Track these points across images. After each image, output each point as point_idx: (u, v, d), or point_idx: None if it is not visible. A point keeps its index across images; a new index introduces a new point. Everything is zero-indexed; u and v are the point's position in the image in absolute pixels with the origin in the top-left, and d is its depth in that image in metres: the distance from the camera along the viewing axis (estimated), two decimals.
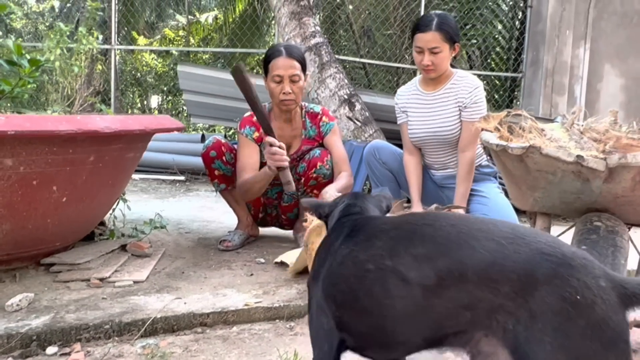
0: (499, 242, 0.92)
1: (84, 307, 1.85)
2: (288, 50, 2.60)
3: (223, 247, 2.73)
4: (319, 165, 2.65)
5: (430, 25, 2.49)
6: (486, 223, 0.99)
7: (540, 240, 0.92)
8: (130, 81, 14.19)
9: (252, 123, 2.69)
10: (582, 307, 0.83)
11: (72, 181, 2.10)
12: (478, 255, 0.92)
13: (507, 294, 0.88)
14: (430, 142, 2.67)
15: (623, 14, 6.67)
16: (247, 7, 11.10)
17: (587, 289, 0.84)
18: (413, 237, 1.00)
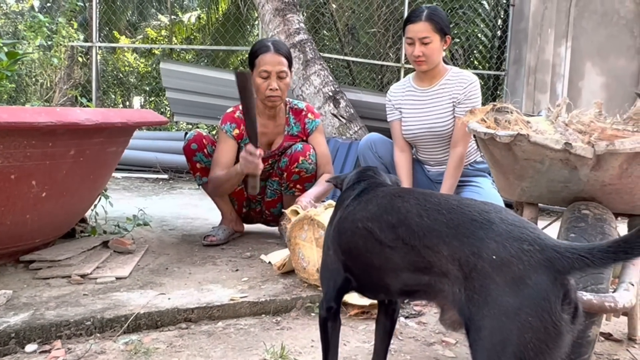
0: (442, 212, 1.04)
1: (64, 303, 1.80)
2: (276, 46, 2.58)
3: (207, 242, 2.69)
4: (301, 160, 2.62)
5: (421, 16, 2.50)
6: (440, 197, 1.11)
7: (475, 209, 1.02)
8: (112, 81, 14.03)
9: (234, 119, 2.66)
10: (497, 266, 0.91)
11: (52, 176, 2.04)
12: (424, 224, 1.05)
13: (447, 257, 0.99)
14: (424, 138, 2.67)
15: (603, 13, 6.75)
16: (231, 5, 11.05)
17: (504, 250, 0.91)
18: (389, 207, 1.15)
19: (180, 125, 9.88)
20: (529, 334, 0.86)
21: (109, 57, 14.14)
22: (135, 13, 14.97)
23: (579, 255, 0.88)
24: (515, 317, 0.87)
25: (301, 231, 2.12)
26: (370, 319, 1.92)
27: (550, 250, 0.90)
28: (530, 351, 0.86)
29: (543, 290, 0.87)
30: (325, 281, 1.34)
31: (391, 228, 1.11)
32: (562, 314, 0.87)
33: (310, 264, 2.10)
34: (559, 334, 0.87)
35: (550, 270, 0.88)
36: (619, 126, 1.80)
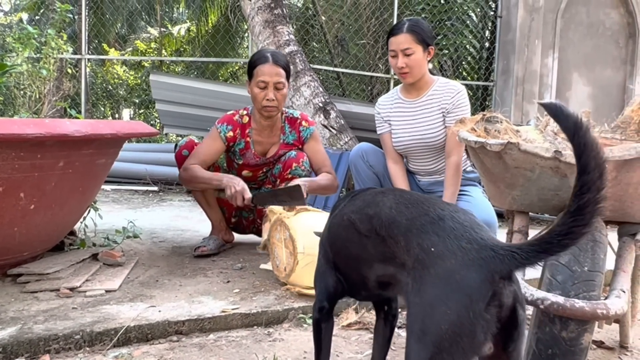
0: (407, 206, 1.10)
1: (53, 317, 1.77)
2: (274, 57, 2.59)
3: (198, 253, 2.68)
4: (294, 166, 2.64)
5: (402, 28, 2.53)
6: (413, 194, 1.17)
7: (434, 206, 1.07)
8: (101, 93, 13.99)
9: (232, 122, 2.68)
10: (433, 258, 0.96)
11: (41, 188, 2.02)
12: (391, 215, 1.11)
13: (403, 248, 1.04)
14: (415, 149, 2.68)
15: (589, 24, 6.85)
16: (221, 18, 11.09)
17: (442, 244, 0.96)
18: (371, 201, 1.22)
19: (170, 137, 9.86)
20: (445, 326, 0.90)
21: (98, 69, 14.12)
22: (125, 25, 14.98)
23: (511, 253, 0.91)
24: (436, 308, 0.92)
25: (275, 232, 2.23)
26: (362, 329, 1.92)
27: (488, 249, 0.92)
28: (446, 342, 0.89)
29: (468, 287, 0.90)
30: (317, 283, 1.39)
31: (368, 219, 1.17)
32: (484, 313, 0.89)
33: (282, 263, 2.17)
34: (473, 331, 0.89)
35: (483, 269, 0.91)
36: (607, 135, 1.83)
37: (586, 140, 0.85)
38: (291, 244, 2.08)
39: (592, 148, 0.84)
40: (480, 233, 0.97)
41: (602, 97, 6.93)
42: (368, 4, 7.10)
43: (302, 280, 2.06)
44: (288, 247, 2.11)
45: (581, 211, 0.85)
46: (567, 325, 1.31)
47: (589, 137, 0.85)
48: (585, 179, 0.85)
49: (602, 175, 0.85)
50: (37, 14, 14.46)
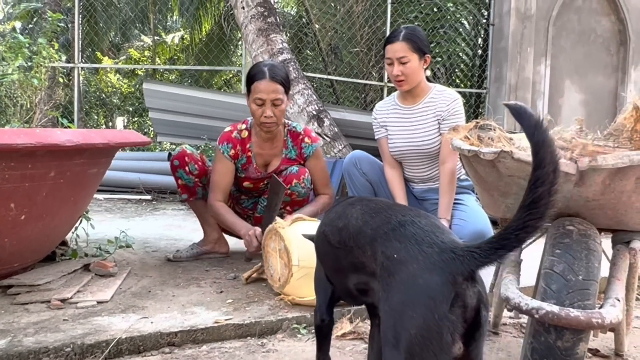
0: (371, 215, 1.13)
1: (43, 329, 1.75)
2: (272, 73, 2.51)
3: (172, 258, 2.80)
4: (295, 182, 2.60)
5: (398, 36, 2.53)
6: (378, 203, 1.20)
7: (396, 213, 1.09)
8: (95, 102, 13.95)
9: (230, 140, 2.65)
10: (396, 264, 0.98)
11: (32, 198, 2.00)
12: (357, 226, 1.15)
13: (370, 257, 1.07)
14: (410, 155, 2.68)
15: (581, 31, 6.90)
16: (214, 26, 11.09)
17: (405, 250, 0.98)
18: (342, 213, 1.25)
19: (163, 145, 9.82)
20: (413, 330, 0.91)
21: (92, 77, 14.08)
22: (119, 34, 14.97)
23: (470, 253, 0.92)
24: (403, 313, 0.93)
25: (270, 241, 2.21)
26: (357, 339, 1.90)
27: (448, 252, 0.94)
28: (416, 346, 0.91)
29: (431, 290, 0.92)
30: (317, 290, 1.47)
31: (338, 231, 1.22)
32: (449, 314, 0.90)
33: (276, 272, 2.16)
34: (440, 333, 0.90)
35: (444, 271, 0.92)
36: (600, 142, 1.82)
37: (544, 138, 0.88)
38: (286, 255, 2.06)
39: (549, 145, 0.87)
40: (440, 236, 0.99)
41: (595, 103, 6.98)
42: (361, 12, 7.14)
43: (297, 291, 2.05)
44: (283, 258, 2.10)
45: (535, 204, 0.87)
46: (563, 334, 1.30)
47: (547, 135, 0.88)
48: (540, 174, 0.86)
49: (555, 170, 0.87)
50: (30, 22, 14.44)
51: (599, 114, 6.77)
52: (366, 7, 7.10)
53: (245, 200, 2.87)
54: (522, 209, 0.88)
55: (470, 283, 0.94)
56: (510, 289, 1.38)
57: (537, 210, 0.87)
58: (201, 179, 2.74)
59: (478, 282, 0.96)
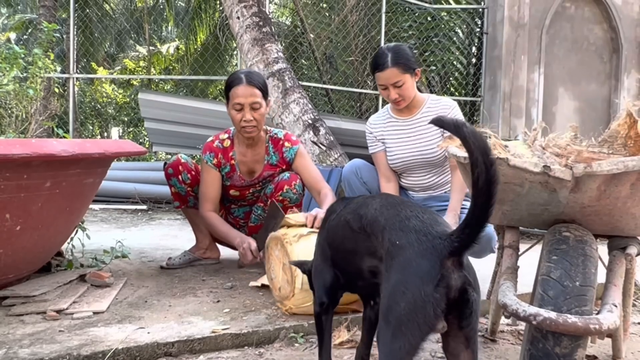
0: (388, 208, 1.27)
1: (39, 341, 1.74)
2: (248, 78, 2.56)
3: (165, 265, 2.82)
4: (286, 189, 2.62)
5: (386, 63, 2.49)
6: (396, 199, 1.36)
7: (405, 208, 1.24)
8: (90, 112, 13.92)
9: (212, 149, 2.70)
10: (397, 249, 1.14)
11: (27, 208, 1.99)
12: (374, 216, 1.29)
13: (381, 244, 1.21)
14: (414, 165, 2.69)
15: (573, 40, 6.96)
16: (209, 36, 11.12)
17: (405, 238, 1.14)
18: (363, 203, 1.39)
19: (159, 155, 9.81)
20: (403, 304, 1.06)
21: (87, 88, 14.08)
22: (114, 44, 14.99)
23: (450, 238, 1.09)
24: (397, 289, 1.09)
25: (275, 247, 2.16)
26: (354, 348, 1.89)
27: (437, 239, 1.10)
28: (404, 317, 1.06)
29: (421, 271, 1.07)
30: (316, 282, 1.57)
31: (359, 218, 1.35)
32: (434, 292, 1.05)
33: (276, 280, 2.14)
34: (424, 307, 1.05)
35: (433, 255, 1.08)
36: (594, 149, 1.83)
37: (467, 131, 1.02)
38: (289, 273, 2.03)
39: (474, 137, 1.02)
40: (436, 228, 1.14)
41: (588, 111, 7.02)
42: (356, 22, 7.18)
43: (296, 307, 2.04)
44: (286, 274, 2.06)
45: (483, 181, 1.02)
46: (560, 341, 1.30)
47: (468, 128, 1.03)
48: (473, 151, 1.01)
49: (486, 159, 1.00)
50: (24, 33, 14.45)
51: (592, 121, 6.82)
52: (361, 17, 7.14)
53: (236, 209, 2.89)
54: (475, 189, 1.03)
55: (456, 267, 1.09)
56: (507, 295, 1.38)
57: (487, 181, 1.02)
58: (193, 188, 2.77)
59: (465, 267, 1.10)
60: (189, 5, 12.83)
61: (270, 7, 6.35)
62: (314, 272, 1.59)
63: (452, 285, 1.07)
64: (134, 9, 13.63)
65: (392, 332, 1.07)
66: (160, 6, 14.06)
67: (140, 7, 13.38)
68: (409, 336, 1.05)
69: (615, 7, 6.88)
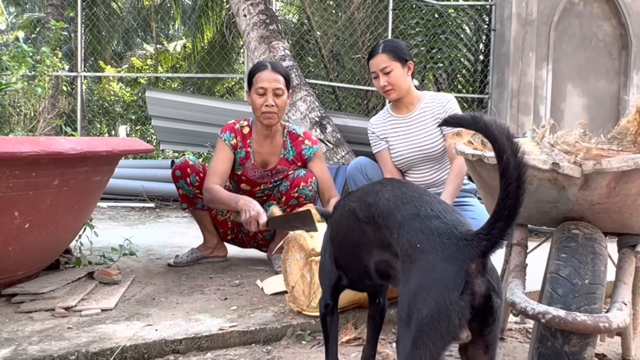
0: (403, 201, 1.19)
1: (48, 337, 1.75)
2: (273, 65, 2.63)
3: (172, 263, 2.83)
4: (302, 185, 2.62)
5: (378, 50, 2.63)
6: (410, 188, 1.25)
7: (426, 204, 1.16)
8: (97, 110, 13.99)
9: (233, 130, 2.70)
10: (419, 253, 1.06)
11: (35, 206, 2.01)
12: (389, 207, 1.20)
13: (397, 240, 1.13)
14: (416, 160, 2.72)
15: (582, 36, 6.90)
16: (216, 34, 11.13)
17: (427, 240, 1.06)
18: (371, 190, 1.32)
19: (166, 153, 9.84)
20: (425, 311, 1.00)
21: (94, 86, 14.15)
22: (121, 43, 15.05)
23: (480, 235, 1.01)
24: (419, 296, 1.02)
25: (296, 251, 2.07)
26: (362, 345, 1.89)
27: (462, 240, 1.03)
28: (426, 326, 1.00)
29: (445, 278, 1.00)
30: (322, 281, 1.53)
31: (367, 206, 1.27)
32: (459, 300, 0.99)
33: (291, 277, 2.08)
34: (449, 316, 0.98)
35: (458, 260, 1.01)
36: (603, 146, 1.82)
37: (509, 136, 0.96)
38: (309, 288, 1.99)
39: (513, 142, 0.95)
40: (459, 228, 1.07)
41: (597, 108, 6.97)
42: (362, 19, 7.16)
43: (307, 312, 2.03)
44: (304, 282, 2.01)
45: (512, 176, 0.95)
46: (569, 339, 1.29)
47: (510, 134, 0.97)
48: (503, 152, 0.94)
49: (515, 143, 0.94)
50: (33, 32, 14.53)
51: (601, 118, 6.76)
52: (367, 14, 7.12)
53: None
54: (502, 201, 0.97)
55: (480, 272, 1.02)
56: (516, 293, 1.37)
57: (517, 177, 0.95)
58: (202, 190, 2.73)
59: (488, 272, 1.04)
60: (195, 3, 12.85)
61: (277, 4, 6.34)
62: (320, 270, 1.56)
63: (477, 291, 1.01)
64: (141, 7, 13.68)
65: (412, 340, 1.02)
66: (168, 4, 14.11)
67: (148, 5, 13.42)
68: (430, 346, 1.00)
69: (625, 3, 6.82)
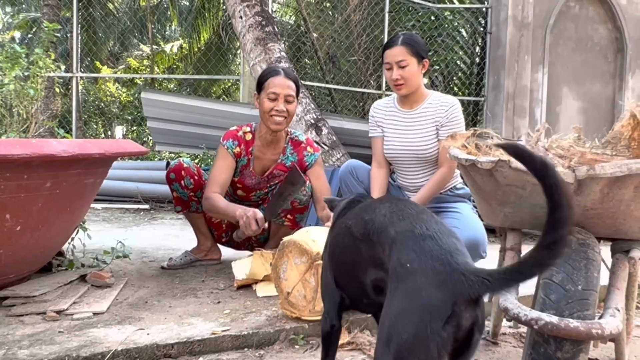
0: (399, 217, 1.16)
1: (38, 342, 1.73)
2: (286, 72, 2.61)
3: (165, 265, 2.82)
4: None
5: (397, 41, 2.57)
6: (407, 205, 1.22)
7: (423, 223, 1.11)
8: (93, 111, 13.95)
9: (236, 137, 2.66)
10: (407, 274, 1.02)
11: (27, 209, 1.99)
12: (383, 223, 1.17)
13: (388, 257, 1.09)
14: (405, 159, 2.68)
15: (578, 39, 6.92)
16: (212, 35, 11.13)
17: (418, 262, 1.02)
18: (368, 207, 1.30)
19: (162, 154, 9.82)
20: (405, 336, 0.96)
21: (90, 87, 14.11)
22: (117, 43, 15.02)
23: (481, 279, 0.96)
24: (400, 318, 0.99)
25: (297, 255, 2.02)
26: (355, 350, 1.89)
27: (458, 273, 0.97)
28: (405, 351, 0.96)
29: (430, 305, 0.96)
30: (325, 299, 1.48)
31: (363, 223, 1.24)
32: (441, 330, 0.95)
33: (286, 281, 2.03)
34: (427, 346, 0.95)
35: (448, 290, 0.96)
36: (598, 150, 1.82)
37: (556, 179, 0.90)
38: (314, 292, 1.96)
39: (562, 186, 0.89)
40: (456, 257, 1.01)
41: (592, 111, 6.99)
42: (359, 21, 7.16)
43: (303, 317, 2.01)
44: (306, 288, 1.98)
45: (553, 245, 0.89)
46: (562, 345, 1.29)
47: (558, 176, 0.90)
48: (558, 217, 0.89)
49: (572, 214, 0.89)
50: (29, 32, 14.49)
51: (596, 122, 6.78)
52: (364, 16, 7.12)
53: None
54: (541, 249, 0.90)
55: (470, 306, 0.97)
56: (509, 299, 1.37)
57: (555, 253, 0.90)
58: (196, 192, 2.72)
59: (479, 305, 1.00)
60: (192, 4, 12.84)
61: (273, 6, 6.33)
62: (323, 288, 1.49)
63: (462, 325, 0.97)
64: (137, 8, 13.65)
65: None
66: (164, 5, 14.08)
67: (144, 6, 13.40)
68: None
69: (620, 6, 6.84)
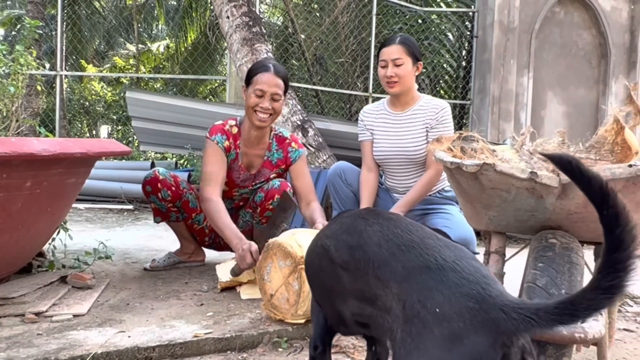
0: (401, 248, 1.00)
1: (16, 344, 1.70)
2: (276, 68, 2.56)
3: (148, 267, 2.80)
4: (276, 198, 2.57)
5: (394, 40, 2.61)
6: (403, 229, 1.06)
7: (434, 254, 0.96)
8: (78, 110, 13.81)
9: (224, 131, 2.60)
10: (438, 319, 0.87)
11: (6, 208, 1.95)
12: (381, 255, 1.02)
13: (394, 295, 0.95)
14: (395, 161, 2.69)
15: (562, 44, 7.00)
16: (200, 35, 11.06)
17: (448, 304, 0.87)
18: (351, 227, 1.14)
19: (147, 154, 9.74)
20: None
21: (75, 85, 13.96)
22: (103, 42, 14.87)
23: (525, 316, 0.84)
24: None
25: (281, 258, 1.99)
26: (339, 353, 1.87)
27: (497, 310, 0.85)
28: None
29: (477, 352, 0.84)
30: (312, 318, 1.40)
31: (348, 249, 1.10)
32: None
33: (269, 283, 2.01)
34: None
35: (492, 331, 0.84)
36: (582, 154, 1.83)
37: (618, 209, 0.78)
38: (296, 296, 1.93)
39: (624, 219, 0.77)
40: (487, 289, 0.89)
41: (577, 115, 7.07)
42: (346, 23, 7.17)
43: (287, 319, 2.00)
44: (289, 291, 1.95)
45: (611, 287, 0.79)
46: (546, 349, 1.29)
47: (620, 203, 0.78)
48: (619, 257, 0.78)
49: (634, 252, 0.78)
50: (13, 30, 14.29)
51: (580, 126, 6.86)
52: (351, 18, 7.13)
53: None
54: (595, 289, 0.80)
55: (515, 339, 0.87)
56: None
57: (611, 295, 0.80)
58: (175, 203, 2.67)
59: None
60: (179, 4, 12.77)
61: (260, 7, 6.32)
62: (312, 305, 1.40)
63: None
64: (123, 7, 13.54)
65: None
66: (151, 4, 13.98)
67: (130, 4, 13.29)
68: None
69: (604, 12, 6.93)
